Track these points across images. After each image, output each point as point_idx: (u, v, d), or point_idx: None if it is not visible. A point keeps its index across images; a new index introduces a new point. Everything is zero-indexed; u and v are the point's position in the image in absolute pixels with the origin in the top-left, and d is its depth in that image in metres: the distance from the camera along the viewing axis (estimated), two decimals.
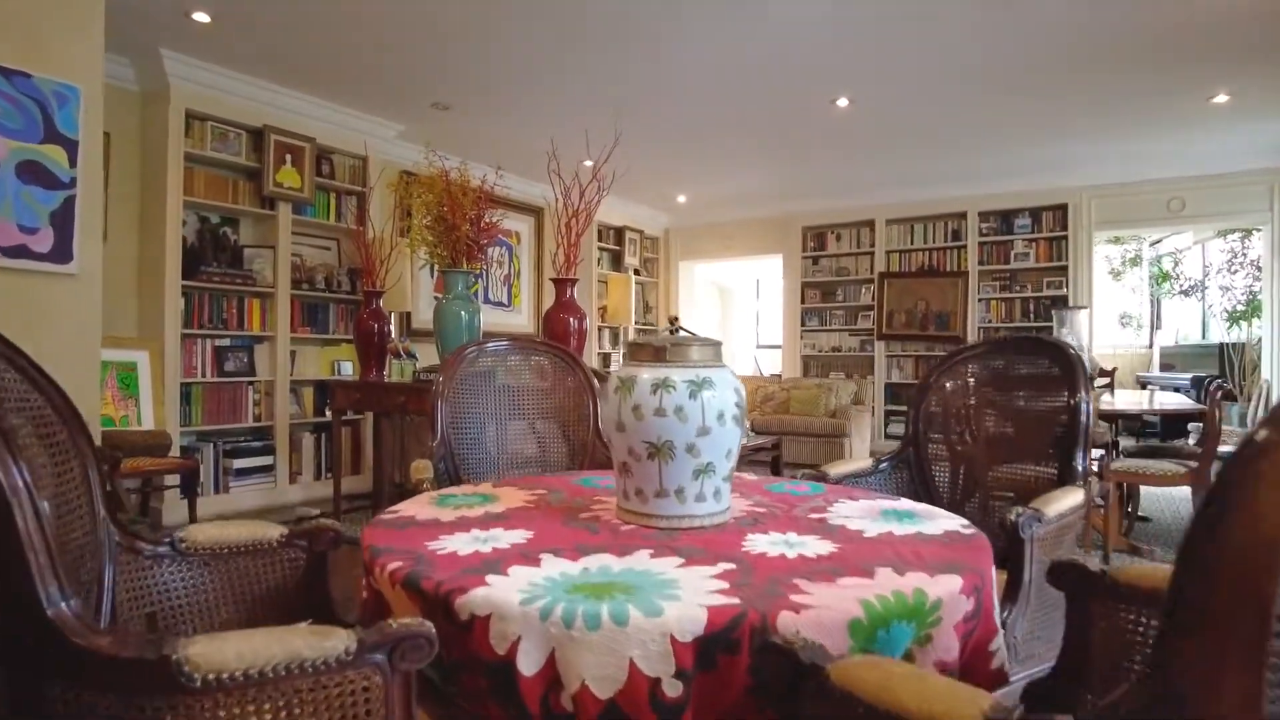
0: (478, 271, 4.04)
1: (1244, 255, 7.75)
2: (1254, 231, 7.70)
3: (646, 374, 1.43)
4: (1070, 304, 7.54)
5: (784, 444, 7.03)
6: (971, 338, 7.99)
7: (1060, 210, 7.65)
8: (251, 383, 5.14)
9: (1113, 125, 5.92)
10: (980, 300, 8.00)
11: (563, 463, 2.32)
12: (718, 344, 1.51)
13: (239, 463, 4.99)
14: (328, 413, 5.57)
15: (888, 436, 8.26)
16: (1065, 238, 7.61)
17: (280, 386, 5.24)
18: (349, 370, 5.74)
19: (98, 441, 2.31)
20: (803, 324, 8.99)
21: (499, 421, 2.26)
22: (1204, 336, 9.81)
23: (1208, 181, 7.00)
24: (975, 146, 6.60)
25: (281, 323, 5.24)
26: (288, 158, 5.23)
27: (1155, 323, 9.04)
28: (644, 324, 9.71)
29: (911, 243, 8.41)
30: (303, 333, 5.48)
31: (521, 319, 7.87)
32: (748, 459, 4.47)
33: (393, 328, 4.25)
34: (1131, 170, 7.14)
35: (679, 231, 9.88)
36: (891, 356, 8.47)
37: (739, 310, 12.97)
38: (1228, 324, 7.89)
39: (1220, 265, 7.95)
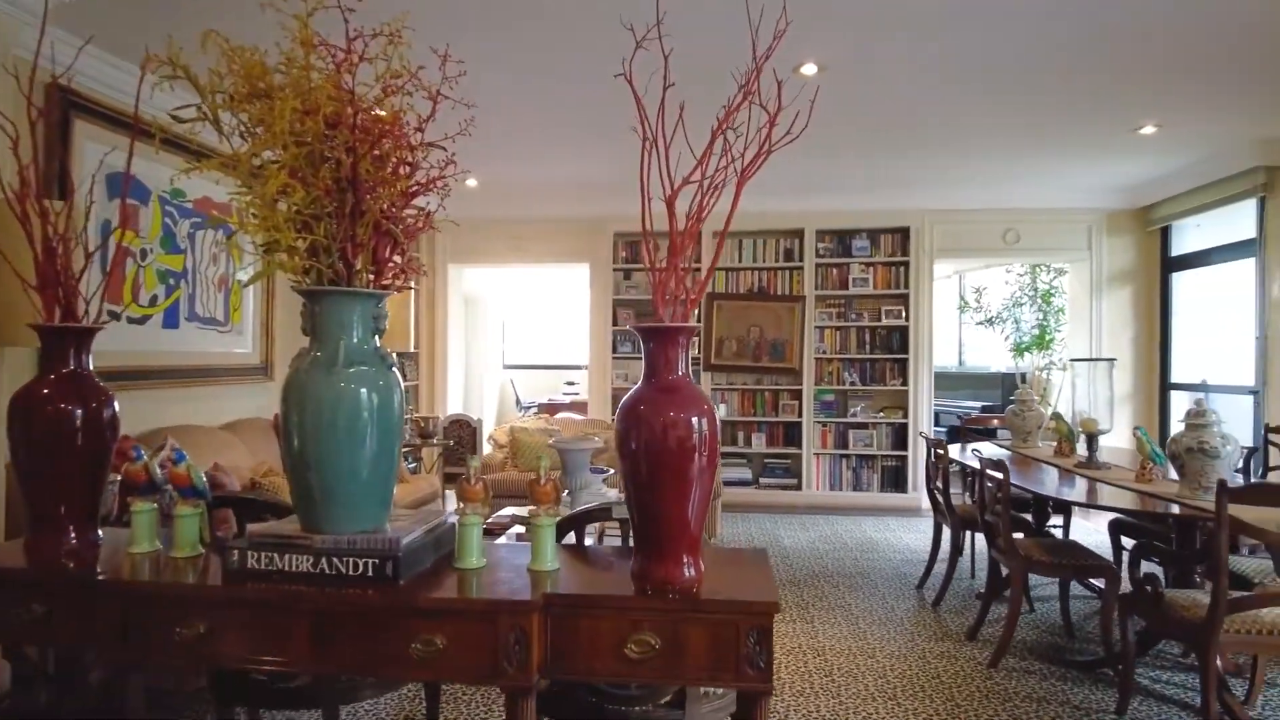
0: (404, 287, 1.80)
1: (1033, 290, 7.92)
2: (1039, 269, 7.90)
3: None
4: (911, 335, 7.00)
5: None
6: (807, 369, 7.10)
7: (901, 233, 7.07)
8: None
9: (963, 147, 5.23)
10: (816, 328, 7.14)
11: None
12: None
13: None
14: None
15: (726, 483, 7.03)
16: (906, 263, 7.05)
17: None
18: None
19: None
20: (614, 350, 7.39)
21: None
22: (960, 363, 10.26)
23: (1043, 215, 6.86)
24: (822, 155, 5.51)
25: None
26: None
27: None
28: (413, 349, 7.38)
29: (740, 260, 7.27)
30: None
31: (245, 346, 5.15)
32: None
33: (116, 407, 1.72)
34: (972, 196, 6.74)
35: (451, 227, 7.63)
36: (717, 389, 7.27)
37: (485, 323, 10.94)
38: (1015, 354, 8.03)
39: (1011, 297, 8.08)
